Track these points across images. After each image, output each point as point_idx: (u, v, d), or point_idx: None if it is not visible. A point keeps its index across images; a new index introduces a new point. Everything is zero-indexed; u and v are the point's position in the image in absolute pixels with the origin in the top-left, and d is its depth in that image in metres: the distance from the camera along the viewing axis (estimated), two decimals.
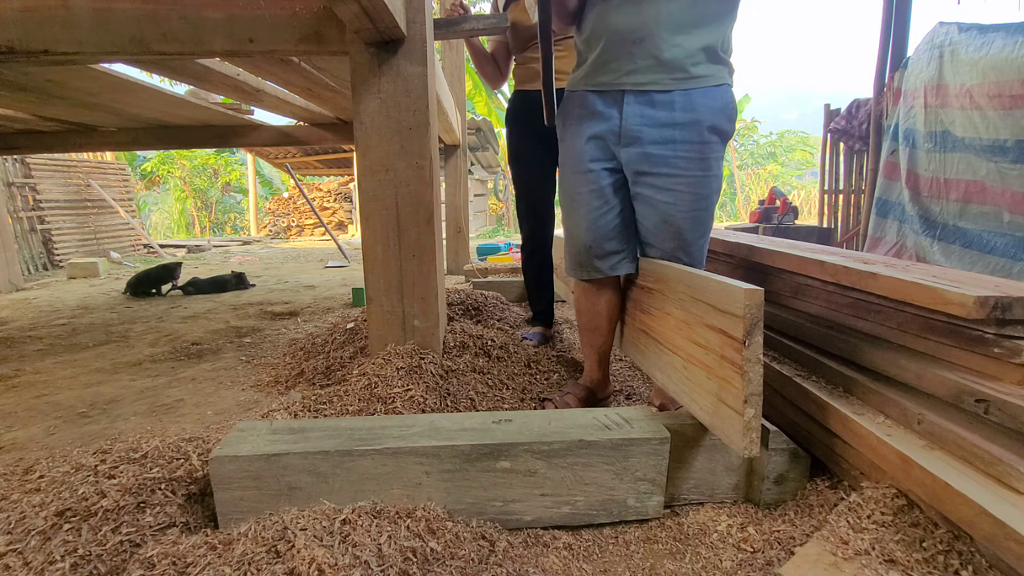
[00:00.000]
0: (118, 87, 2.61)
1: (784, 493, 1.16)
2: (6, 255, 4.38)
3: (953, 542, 0.87)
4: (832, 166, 5.15)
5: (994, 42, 2.86)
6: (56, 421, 1.74)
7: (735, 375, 1.00)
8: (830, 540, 0.95)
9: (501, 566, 0.98)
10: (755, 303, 0.97)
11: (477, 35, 2.17)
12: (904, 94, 3.56)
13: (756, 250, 1.64)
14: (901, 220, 3.65)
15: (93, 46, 1.67)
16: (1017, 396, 0.88)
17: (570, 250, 1.54)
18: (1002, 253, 2.94)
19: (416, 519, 1.00)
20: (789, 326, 1.49)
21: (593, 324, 1.59)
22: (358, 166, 1.69)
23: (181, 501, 1.06)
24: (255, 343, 2.61)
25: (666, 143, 1.34)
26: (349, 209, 11.47)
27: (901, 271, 1.17)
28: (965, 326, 0.99)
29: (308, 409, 1.50)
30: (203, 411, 1.80)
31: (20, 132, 3.87)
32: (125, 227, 7.47)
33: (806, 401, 1.25)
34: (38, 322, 3.21)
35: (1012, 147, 2.79)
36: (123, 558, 0.93)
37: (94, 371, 2.25)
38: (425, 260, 1.71)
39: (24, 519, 0.97)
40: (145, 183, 14.47)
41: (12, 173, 5.83)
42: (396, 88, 1.64)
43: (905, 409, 1.05)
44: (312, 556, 0.85)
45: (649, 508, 1.14)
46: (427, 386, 1.56)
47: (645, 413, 1.23)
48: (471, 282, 3.52)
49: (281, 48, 1.70)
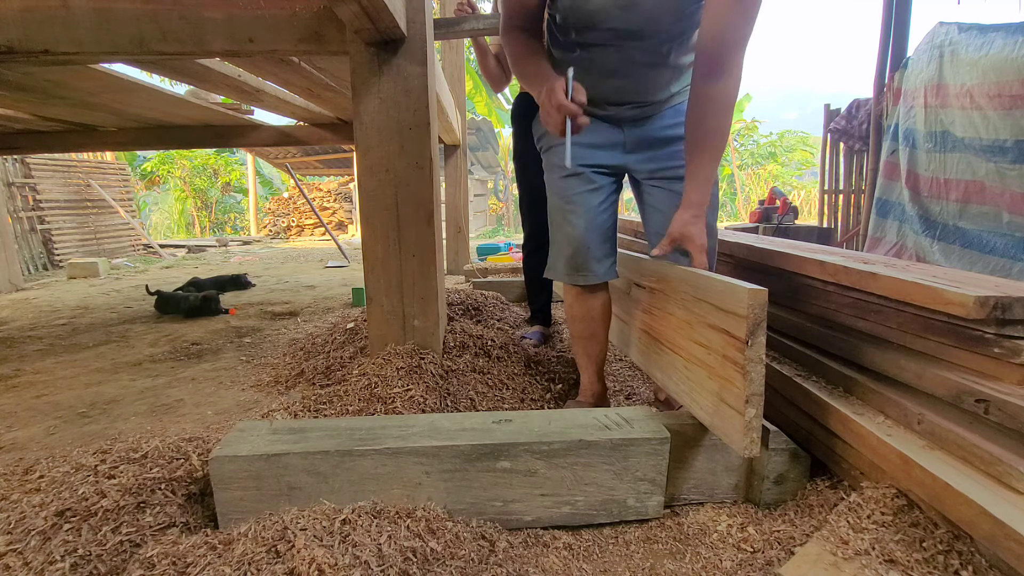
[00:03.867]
0: (118, 87, 2.61)
1: (784, 493, 1.16)
2: (6, 255, 4.39)
3: (953, 542, 0.87)
4: (832, 166, 5.15)
5: (994, 42, 2.86)
6: (56, 421, 1.74)
7: (737, 375, 1.00)
8: (830, 540, 0.95)
9: (501, 566, 0.98)
10: (759, 303, 0.97)
11: (477, 35, 2.17)
12: (904, 94, 3.56)
13: (756, 250, 1.64)
14: (901, 220, 3.65)
15: (93, 46, 1.67)
16: (1017, 396, 0.88)
17: (564, 254, 1.48)
18: (1002, 253, 2.94)
19: (416, 519, 1.00)
20: (789, 326, 1.49)
21: (589, 331, 1.53)
22: (358, 166, 1.69)
23: (181, 501, 1.06)
24: (255, 343, 2.61)
25: (676, 141, 1.37)
26: (349, 209, 11.47)
27: (901, 271, 1.17)
28: (965, 326, 0.99)
29: (308, 409, 1.50)
30: (203, 411, 1.80)
31: (20, 132, 3.87)
32: (125, 227, 7.47)
33: (806, 401, 1.25)
34: (38, 322, 3.21)
35: (1012, 147, 2.79)
36: (123, 558, 0.93)
37: (94, 371, 2.25)
38: (425, 260, 1.71)
39: (24, 519, 0.97)
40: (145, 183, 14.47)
41: (12, 173, 5.84)
42: (396, 88, 1.64)
43: (905, 409, 1.05)
44: (312, 556, 0.85)
45: (649, 508, 1.14)
46: (427, 386, 1.56)
47: (645, 413, 1.23)
48: (471, 282, 3.52)
49: (281, 48, 1.70)
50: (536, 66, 1.29)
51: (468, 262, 4.70)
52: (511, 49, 1.34)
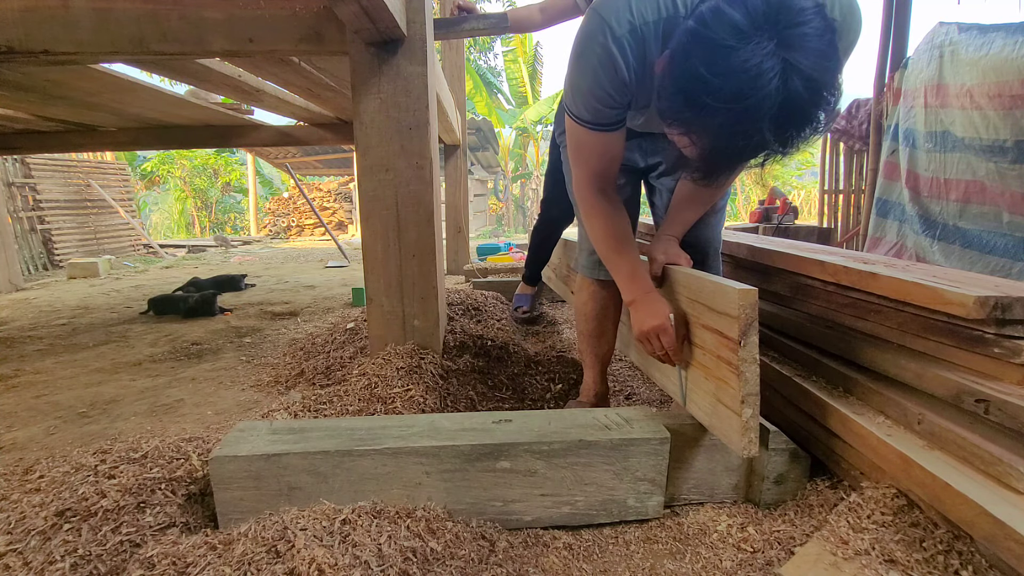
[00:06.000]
0: (118, 87, 2.61)
1: (784, 493, 1.16)
2: (6, 255, 4.38)
3: (953, 542, 0.87)
4: (832, 166, 5.15)
5: (994, 42, 2.85)
6: (56, 421, 1.74)
7: (732, 375, 0.99)
8: (830, 540, 0.95)
9: (501, 566, 0.98)
10: (749, 303, 0.97)
11: (477, 35, 2.17)
12: (904, 94, 3.56)
13: (756, 250, 1.64)
14: (901, 220, 3.65)
15: (93, 46, 1.67)
16: (1017, 396, 0.88)
17: (587, 249, 1.47)
18: (1002, 253, 2.94)
19: (416, 519, 1.00)
20: (789, 326, 1.49)
21: (600, 329, 1.53)
22: (358, 166, 1.69)
23: (181, 501, 1.06)
24: (255, 343, 2.61)
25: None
26: (349, 209, 11.47)
27: (901, 271, 1.17)
28: (965, 326, 0.99)
29: (308, 409, 1.50)
30: (203, 411, 1.80)
31: (20, 132, 3.87)
32: (125, 227, 7.47)
33: (806, 401, 1.25)
34: (38, 322, 3.21)
35: (1012, 147, 2.79)
36: (123, 558, 0.93)
37: (94, 371, 2.25)
38: (425, 260, 1.71)
39: (24, 519, 0.97)
40: (145, 183, 14.48)
41: (12, 173, 5.84)
42: (396, 88, 1.64)
43: (905, 409, 1.05)
44: (312, 556, 0.85)
45: (649, 508, 1.14)
46: (427, 386, 1.56)
47: (645, 413, 1.23)
48: (471, 282, 3.52)
49: (281, 48, 1.70)
50: (632, 262, 1.21)
51: (468, 262, 4.69)
52: (600, 226, 1.21)
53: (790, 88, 0.75)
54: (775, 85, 0.75)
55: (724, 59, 0.76)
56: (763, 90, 0.75)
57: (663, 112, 0.89)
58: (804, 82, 0.75)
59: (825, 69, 0.77)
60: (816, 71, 0.76)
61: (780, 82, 0.75)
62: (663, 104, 0.88)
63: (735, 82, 0.75)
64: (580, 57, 1.03)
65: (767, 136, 0.79)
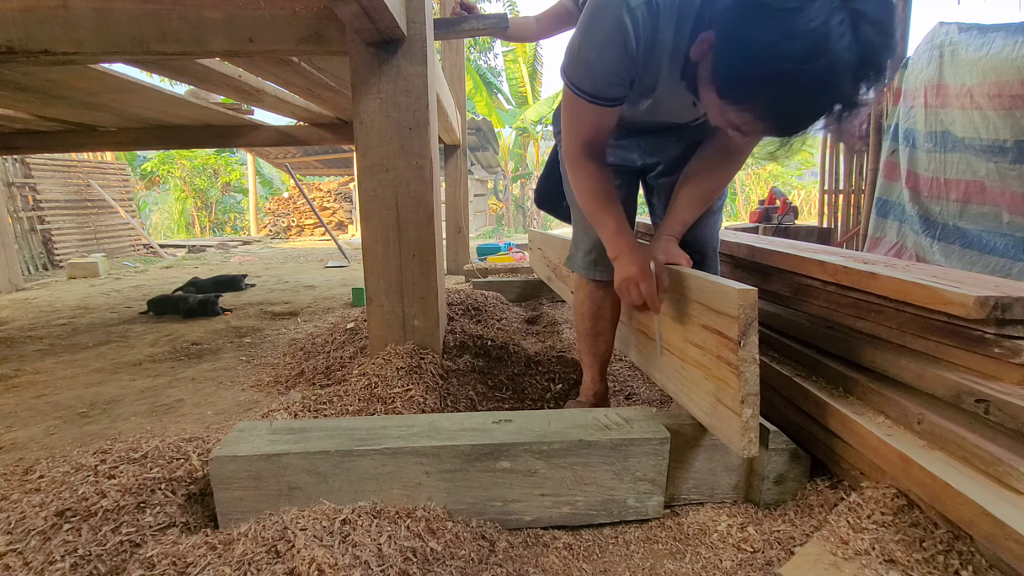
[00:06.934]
0: (118, 87, 2.61)
1: (784, 493, 1.16)
2: (6, 255, 4.39)
3: (953, 542, 0.87)
4: (832, 166, 5.14)
5: (994, 42, 2.86)
6: (56, 421, 1.74)
7: (731, 375, 0.99)
8: (830, 540, 0.95)
9: (501, 566, 0.98)
10: (749, 303, 0.97)
11: (477, 35, 2.17)
12: (904, 94, 3.56)
13: (756, 250, 1.64)
14: (901, 220, 3.65)
15: (93, 46, 1.67)
16: (1017, 396, 0.88)
17: (583, 248, 1.47)
18: (1002, 253, 2.94)
19: (416, 519, 1.00)
20: (789, 326, 1.49)
21: (598, 329, 1.52)
22: (358, 166, 1.69)
23: (181, 501, 1.06)
24: (255, 343, 2.61)
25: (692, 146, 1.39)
26: (349, 209, 11.48)
27: (901, 271, 1.17)
28: (965, 326, 0.99)
29: (308, 409, 1.50)
30: (203, 411, 1.80)
31: (20, 132, 3.87)
32: (125, 227, 7.47)
33: (806, 401, 1.24)
34: (38, 322, 3.21)
35: (1012, 147, 2.79)
36: (123, 558, 0.93)
37: (94, 371, 2.25)
38: (425, 260, 1.71)
39: (24, 519, 0.97)
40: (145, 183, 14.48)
41: (12, 173, 5.84)
42: (396, 88, 1.64)
43: (905, 409, 1.05)
44: (312, 556, 0.85)
45: (649, 508, 1.14)
46: (427, 386, 1.56)
47: (645, 413, 1.23)
48: (471, 282, 3.52)
49: (281, 48, 1.70)
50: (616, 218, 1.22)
51: (468, 262, 4.70)
52: (586, 184, 1.22)
53: (861, 35, 0.76)
54: (848, 36, 0.75)
55: (791, 22, 0.76)
56: (839, 42, 0.75)
57: (725, 91, 0.88)
58: (873, 27, 0.76)
59: (887, 7, 0.78)
60: (881, 13, 0.77)
61: (852, 32, 0.76)
62: (723, 83, 0.87)
63: (808, 41, 0.76)
64: (590, 26, 1.01)
65: (847, 90, 0.79)
